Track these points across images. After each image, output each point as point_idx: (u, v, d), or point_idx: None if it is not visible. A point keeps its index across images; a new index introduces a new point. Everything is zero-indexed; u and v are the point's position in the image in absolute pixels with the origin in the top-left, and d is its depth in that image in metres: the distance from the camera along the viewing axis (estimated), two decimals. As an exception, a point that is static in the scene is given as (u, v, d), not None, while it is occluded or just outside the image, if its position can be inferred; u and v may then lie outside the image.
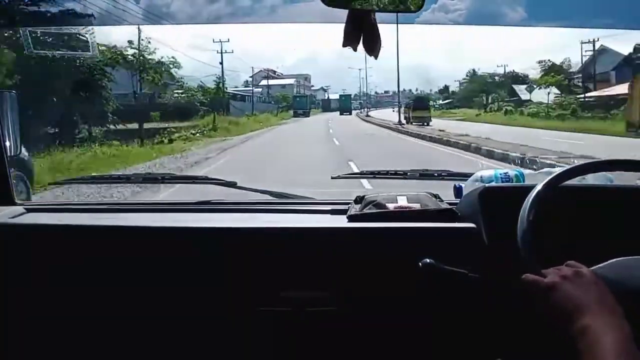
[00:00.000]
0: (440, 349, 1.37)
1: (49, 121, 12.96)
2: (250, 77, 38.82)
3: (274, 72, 42.10)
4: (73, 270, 1.41)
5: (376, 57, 1.03)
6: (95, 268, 1.40)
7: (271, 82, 41.73)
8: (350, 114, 38.51)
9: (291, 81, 43.76)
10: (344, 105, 40.63)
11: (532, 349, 1.16)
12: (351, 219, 1.46)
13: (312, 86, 49.68)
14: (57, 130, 13.39)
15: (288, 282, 1.37)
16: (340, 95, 44.27)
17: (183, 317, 1.40)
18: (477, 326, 1.29)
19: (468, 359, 1.35)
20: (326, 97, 50.18)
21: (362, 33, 1.01)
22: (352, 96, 46.62)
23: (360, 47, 1.03)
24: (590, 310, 0.84)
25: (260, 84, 39.91)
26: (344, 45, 1.02)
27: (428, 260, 1.15)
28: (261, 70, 39.15)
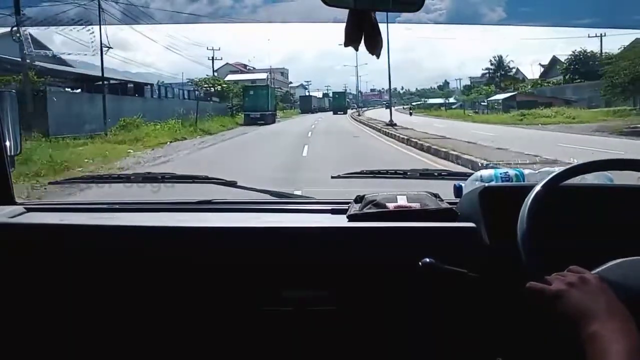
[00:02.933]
0: (440, 349, 1.37)
1: None
2: (215, 71, 30.21)
3: (245, 66, 34.93)
4: (73, 270, 1.41)
5: (378, 57, 1.03)
6: (95, 268, 1.40)
7: (239, 77, 33.57)
8: (345, 113, 32.49)
9: (263, 76, 34.21)
10: (338, 103, 34.75)
11: (532, 349, 1.16)
12: (351, 218, 1.46)
13: (291, 83, 42.08)
14: None
15: (288, 281, 1.37)
16: (333, 93, 38.26)
17: (184, 317, 1.40)
18: (477, 326, 1.29)
19: (468, 359, 1.36)
20: (306, 94, 40.32)
21: (363, 33, 1.01)
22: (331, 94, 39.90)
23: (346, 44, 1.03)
24: (599, 317, 0.83)
25: (227, 78, 30.51)
26: (346, 45, 1.02)
27: (428, 260, 1.15)
28: (226, 64, 31.01)
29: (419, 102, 47.40)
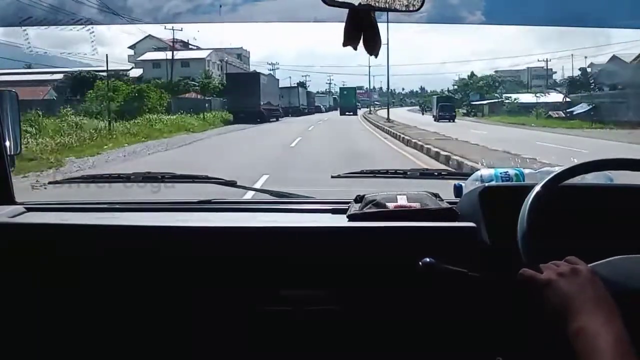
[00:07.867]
0: (440, 349, 1.37)
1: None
2: (131, 47, 20.18)
3: (186, 44, 22.48)
4: (73, 270, 1.41)
5: (376, 56, 1.04)
6: (95, 267, 1.40)
7: (162, 55, 20.86)
8: (355, 114, 26.58)
9: (202, 55, 22.38)
10: (347, 101, 28.83)
11: (532, 348, 1.16)
12: (351, 218, 1.46)
13: (256, 71, 26.09)
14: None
15: (288, 281, 1.37)
16: (341, 88, 31.87)
17: (183, 316, 1.40)
18: (477, 325, 1.29)
19: (468, 359, 1.35)
20: (250, 71, 24.45)
21: (362, 32, 1.01)
22: (316, 92, 32.19)
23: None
24: (585, 309, 0.84)
25: (143, 58, 20.16)
26: (345, 44, 1.02)
27: (428, 260, 1.15)
28: (148, 36, 20.29)
29: (489, 101, 28.72)
